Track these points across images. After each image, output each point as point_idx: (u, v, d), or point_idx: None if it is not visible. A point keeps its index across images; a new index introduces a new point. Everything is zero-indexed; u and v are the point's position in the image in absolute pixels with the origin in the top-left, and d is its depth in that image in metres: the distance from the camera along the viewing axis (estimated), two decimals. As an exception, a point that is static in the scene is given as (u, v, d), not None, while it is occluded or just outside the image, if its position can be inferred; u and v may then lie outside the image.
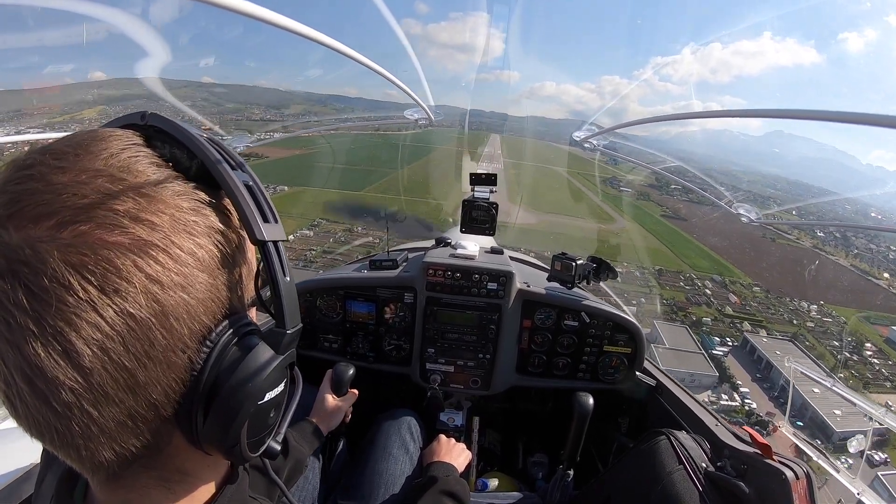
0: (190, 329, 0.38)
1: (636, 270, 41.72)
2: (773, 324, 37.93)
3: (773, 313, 39.78)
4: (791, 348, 31.43)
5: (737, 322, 36.76)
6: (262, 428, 0.46)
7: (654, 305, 36.61)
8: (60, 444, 0.36)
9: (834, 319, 38.98)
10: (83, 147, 0.37)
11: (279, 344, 0.43)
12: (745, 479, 1.01)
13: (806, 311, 40.11)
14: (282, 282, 0.43)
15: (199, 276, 0.38)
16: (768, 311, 40.07)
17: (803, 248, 49.83)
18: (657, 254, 48.72)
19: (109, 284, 0.33)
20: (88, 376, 0.33)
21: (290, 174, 43.99)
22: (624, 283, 33.23)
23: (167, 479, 0.44)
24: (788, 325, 38.36)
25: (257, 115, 26.48)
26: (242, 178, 0.42)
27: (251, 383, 0.41)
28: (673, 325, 33.08)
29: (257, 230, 0.41)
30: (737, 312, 38.33)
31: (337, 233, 31.45)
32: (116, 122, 0.44)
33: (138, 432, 0.38)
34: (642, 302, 35.50)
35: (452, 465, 1.34)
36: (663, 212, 58.02)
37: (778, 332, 36.47)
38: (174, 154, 0.41)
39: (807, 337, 36.45)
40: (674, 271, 45.53)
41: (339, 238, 27.63)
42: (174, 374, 0.38)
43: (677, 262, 47.42)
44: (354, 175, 43.71)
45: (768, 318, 38.63)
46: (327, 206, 38.35)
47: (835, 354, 34.39)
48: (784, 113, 1.57)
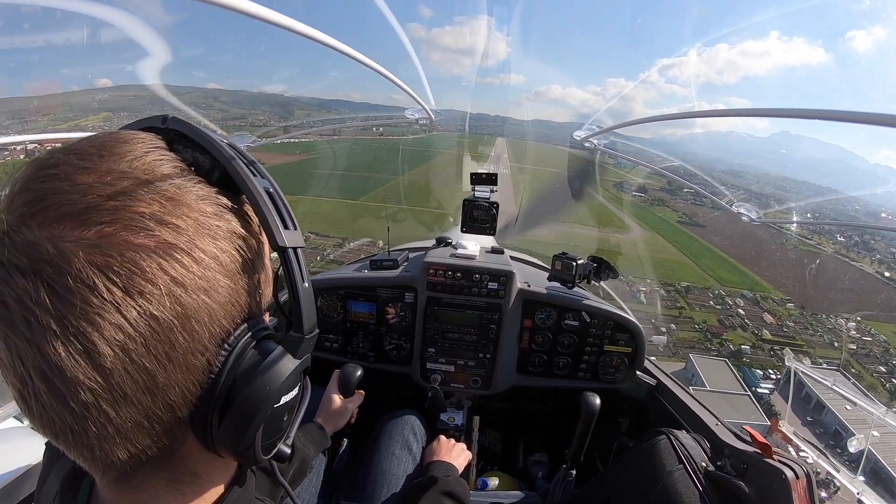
0: (210, 332, 0.38)
1: (662, 288, 38.49)
2: (814, 348, 33.52)
3: (811, 334, 35.45)
4: (840, 378, 26.64)
5: (776, 348, 32.02)
6: (276, 431, 0.46)
7: (688, 333, 32.96)
8: (75, 444, 0.36)
9: (874, 338, 34.29)
10: (107, 148, 0.37)
11: (297, 348, 0.44)
12: (745, 478, 1.01)
13: (844, 330, 35.87)
14: (301, 287, 0.43)
15: (221, 279, 0.38)
16: (806, 332, 35.59)
17: (825, 253, 44.42)
18: (681, 268, 43.68)
19: (134, 286, 0.33)
20: (109, 377, 0.33)
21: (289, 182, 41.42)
22: (650, 304, 30.66)
23: (177, 481, 0.44)
24: (830, 349, 33.47)
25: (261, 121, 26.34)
26: (263, 184, 0.43)
27: (269, 387, 0.41)
28: (709, 357, 28.88)
29: (279, 236, 0.41)
30: (776, 337, 33.82)
31: (326, 249, 30.59)
32: (137, 124, 0.44)
33: (153, 433, 0.38)
34: (673, 329, 32.27)
35: (452, 465, 1.34)
36: (679, 218, 52.30)
37: (822, 360, 31.87)
38: (196, 158, 0.41)
39: (851, 363, 31.92)
40: (701, 288, 40.52)
41: (327, 257, 26.76)
42: (192, 377, 0.38)
43: (702, 277, 42.34)
44: (353, 182, 41.57)
45: (809, 342, 34.28)
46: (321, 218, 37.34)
47: (884, 383, 30.44)
48: (791, 112, 1.54)
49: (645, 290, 34.51)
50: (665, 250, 45.61)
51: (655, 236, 48.10)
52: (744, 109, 1.70)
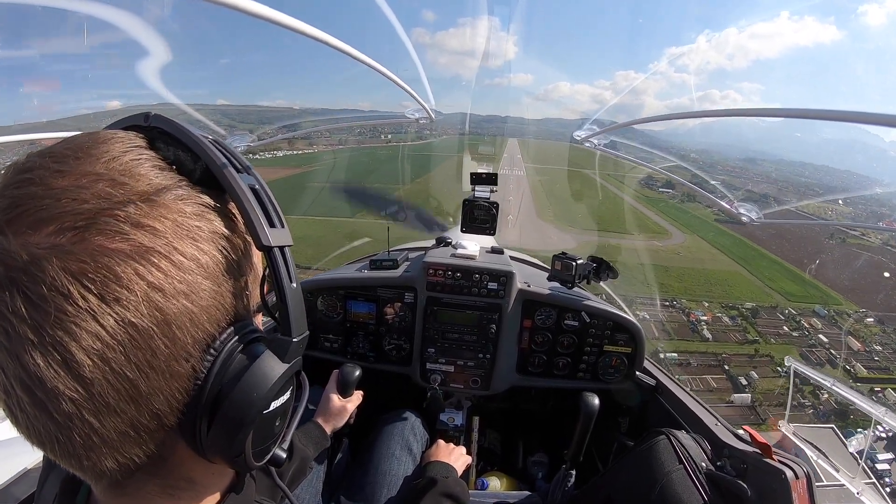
0: (193, 337, 0.37)
1: (724, 314, 31.13)
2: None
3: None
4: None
5: (876, 389, 25.03)
6: (268, 437, 0.45)
7: (771, 380, 25.91)
8: (62, 453, 0.36)
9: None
10: (84, 150, 0.36)
11: (285, 352, 0.42)
12: (744, 478, 1.01)
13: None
14: (288, 288, 0.42)
15: (203, 283, 0.37)
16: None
17: (873, 245, 36.07)
18: (738, 281, 35.50)
19: (110, 293, 0.32)
20: (89, 386, 0.33)
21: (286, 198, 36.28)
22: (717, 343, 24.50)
23: (172, 487, 0.43)
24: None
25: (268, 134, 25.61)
26: (248, 181, 0.41)
27: (256, 393, 0.40)
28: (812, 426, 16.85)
29: (263, 235, 0.40)
30: (872, 374, 26.48)
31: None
32: (119, 123, 0.43)
33: (141, 442, 0.37)
34: (754, 378, 25.14)
35: (451, 466, 1.33)
36: (716, 215, 42.32)
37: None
38: (178, 157, 0.40)
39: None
40: (768, 307, 33.02)
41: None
42: (177, 384, 0.37)
43: (764, 291, 34.50)
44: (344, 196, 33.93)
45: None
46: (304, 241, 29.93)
47: None
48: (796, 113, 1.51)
49: (706, 318, 29.29)
50: (713, 259, 37.97)
51: (698, 241, 40.70)
52: (745, 109, 1.70)
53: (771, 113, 1.78)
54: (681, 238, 39.41)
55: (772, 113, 1.80)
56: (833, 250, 36.10)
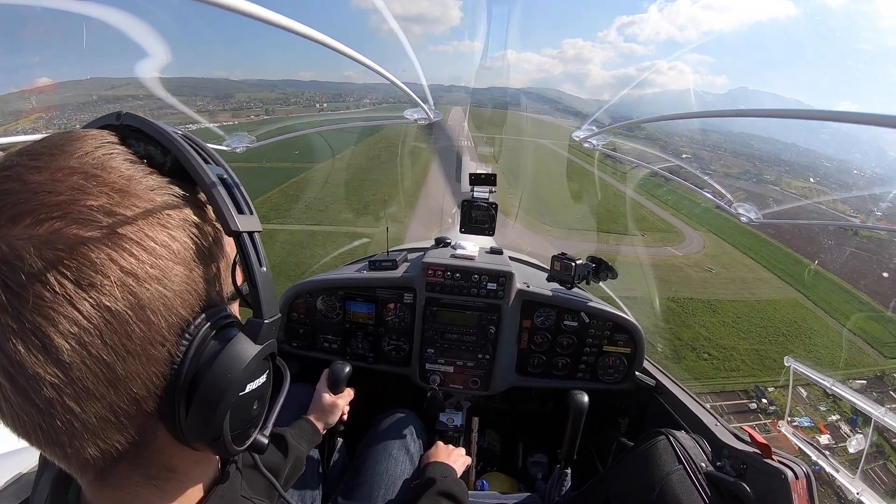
0: (168, 322, 0.38)
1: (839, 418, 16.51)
2: None
3: None
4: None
5: None
6: (246, 420, 0.46)
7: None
8: (46, 441, 0.37)
9: None
10: (58, 147, 0.38)
11: (257, 334, 0.44)
12: (744, 478, 1.01)
13: None
14: (258, 272, 0.43)
15: (175, 268, 0.38)
16: None
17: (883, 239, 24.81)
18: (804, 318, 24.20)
19: (85, 278, 0.33)
20: (68, 371, 0.34)
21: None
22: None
23: (155, 478, 0.44)
24: None
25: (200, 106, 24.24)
26: (216, 171, 0.43)
27: (230, 374, 0.41)
28: None
29: (231, 221, 0.41)
30: None
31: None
32: (93, 123, 0.45)
33: (122, 428, 0.38)
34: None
35: (450, 466, 1.33)
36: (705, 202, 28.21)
37: None
38: (149, 151, 0.41)
39: None
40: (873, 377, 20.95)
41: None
42: (154, 368, 0.38)
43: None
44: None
45: None
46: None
47: None
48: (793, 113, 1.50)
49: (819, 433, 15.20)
50: (757, 278, 27.21)
51: (720, 243, 29.46)
52: (747, 110, 1.69)
53: (771, 113, 1.77)
54: (699, 242, 27.91)
55: (772, 113, 1.79)
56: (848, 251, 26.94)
